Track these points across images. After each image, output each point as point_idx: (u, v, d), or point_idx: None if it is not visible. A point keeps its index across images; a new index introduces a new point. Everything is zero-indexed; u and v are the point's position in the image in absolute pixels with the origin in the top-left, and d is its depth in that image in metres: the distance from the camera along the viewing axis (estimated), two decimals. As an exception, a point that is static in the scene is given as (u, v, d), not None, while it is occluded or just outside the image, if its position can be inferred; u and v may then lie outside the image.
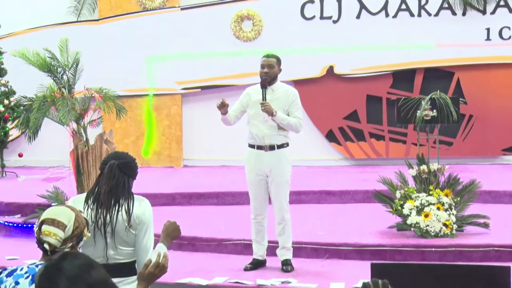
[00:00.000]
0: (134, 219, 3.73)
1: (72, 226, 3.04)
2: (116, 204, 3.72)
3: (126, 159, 3.83)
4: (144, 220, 3.76)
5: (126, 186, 3.77)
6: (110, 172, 3.74)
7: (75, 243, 3.05)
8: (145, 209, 3.78)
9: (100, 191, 3.74)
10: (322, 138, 11.64)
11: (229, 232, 7.39)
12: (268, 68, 6.41)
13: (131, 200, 3.76)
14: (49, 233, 3.00)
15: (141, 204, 3.78)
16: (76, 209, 3.15)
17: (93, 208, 3.74)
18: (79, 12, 12.20)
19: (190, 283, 6.17)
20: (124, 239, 3.73)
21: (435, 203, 6.96)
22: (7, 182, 10.63)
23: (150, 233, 3.79)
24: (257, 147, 6.40)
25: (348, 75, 11.45)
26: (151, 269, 3.18)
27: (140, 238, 3.76)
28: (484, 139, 11.24)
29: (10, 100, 10.99)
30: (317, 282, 6.10)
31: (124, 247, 3.74)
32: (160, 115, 11.92)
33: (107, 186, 3.72)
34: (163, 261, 3.18)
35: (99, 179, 3.81)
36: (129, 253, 3.75)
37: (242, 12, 11.61)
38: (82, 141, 7.83)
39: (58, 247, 3.00)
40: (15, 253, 7.20)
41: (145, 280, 3.19)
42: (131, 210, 3.73)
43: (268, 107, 6.27)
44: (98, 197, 3.75)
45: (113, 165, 3.75)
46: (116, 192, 3.73)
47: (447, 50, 11.20)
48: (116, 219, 3.71)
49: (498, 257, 6.56)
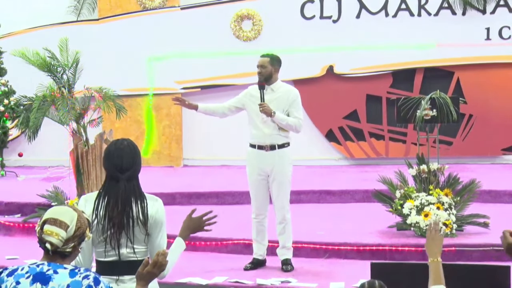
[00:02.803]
0: (148, 219, 3.73)
1: (74, 227, 3.03)
2: (130, 220, 3.69)
3: (129, 167, 3.76)
4: (158, 220, 3.76)
5: (136, 190, 3.76)
6: (121, 193, 3.71)
7: (77, 243, 3.04)
8: (158, 209, 3.77)
9: (112, 212, 3.69)
10: (322, 138, 11.64)
11: (229, 231, 7.39)
12: (261, 68, 6.43)
13: (144, 201, 3.75)
14: (51, 233, 2.99)
15: (154, 204, 3.78)
16: (79, 209, 3.14)
17: (103, 225, 3.70)
18: (79, 12, 12.19)
19: (190, 283, 6.17)
20: (138, 238, 3.74)
21: (435, 202, 6.96)
22: (7, 181, 10.62)
23: (163, 232, 3.79)
24: (258, 147, 6.40)
25: (348, 75, 11.45)
26: (150, 268, 3.20)
27: (153, 237, 3.76)
28: (484, 139, 11.24)
29: (10, 99, 10.99)
30: (317, 282, 6.11)
31: (138, 246, 3.75)
32: (160, 115, 11.92)
33: (120, 208, 3.69)
34: (161, 259, 3.21)
35: (108, 191, 3.75)
36: (143, 252, 3.76)
37: (242, 12, 11.61)
38: (82, 140, 7.83)
39: (60, 247, 3.00)
40: (15, 253, 7.20)
41: (143, 278, 3.21)
42: (145, 212, 3.72)
43: (267, 108, 6.27)
44: (109, 218, 3.70)
45: (123, 186, 3.71)
46: (129, 206, 3.71)
47: (447, 49, 11.19)
48: (133, 233, 3.70)
49: (498, 257, 6.56)
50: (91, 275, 2.97)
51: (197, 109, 6.48)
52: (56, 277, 2.94)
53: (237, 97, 6.61)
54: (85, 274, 2.97)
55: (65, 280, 2.94)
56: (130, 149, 3.80)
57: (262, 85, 6.37)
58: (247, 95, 6.55)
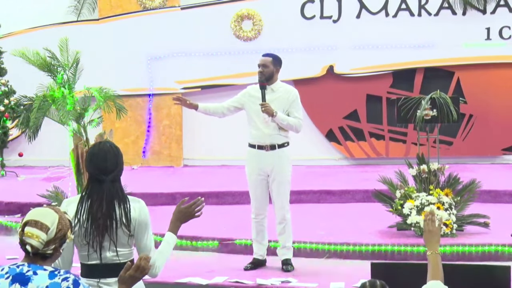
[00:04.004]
0: (132, 222, 3.71)
1: (55, 229, 3.01)
2: (113, 222, 3.66)
3: (113, 168, 3.73)
4: (141, 221, 3.74)
5: (119, 192, 3.73)
6: (106, 195, 3.68)
7: (58, 245, 3.03)
8: (141, 210, 3.75)
9: (96, 215, 3.66)
10: (322, 138, 11.63)
11: (229, 231, 7.38)
12: (263, 67, 6.40)
13: (127, 202, 3.73)
14: (31, 235, 2.98)
15: (136, 206, 3.75)
16: (60, 210, 3.10)
17: (86, 228, 3.67)
18: (79, 12, 12.19)
19: (190, 283, 6.17)
20: (121, 242, 3.72)
21: (435, 202, 6.96)
22: (7, 181, 10.62)
23: (149, 233, 3.78)
24: (257, 147, 6.39)
25: (348, 75, 11.45)
26: (132, 271, 3.19)
27: (139, 239, 3.75)
28: (484, 139, 11.23)
29: (10, 99, 10.99)
30: (317, 282, 6.11)
31: (121, 249, 3.73)
32: (160, 115, 11.91)
33: (105, 211, 3.66)
34: (144, 263, 3.20)
35: (91, 193, 3.71)
36: (126, 254, 3.74)
37: (242, 12, 11.61)
38: (82, 140, 7.83)
39: (41, 249, 2.99)
40: (15, 253, 7.18)
41: (125, 282, 3.20)
42: (128, 216, 3.69)
43: (269, 108, 6.25)
44: (93, 220, 3.67)
45: (108, 187, 3.68)
46: (113, 209, 3.68)
47: (447, 49, 11.20)
48: (116, 236, 3.68)
49: (498, 257, 6.56)
50: (70, 277, 2.96)
51: (197, 108, 6.48)
52: (35, 278, 2.94)
53: (236, 97, 6.59)
54: (65, 276, 2.96)
55: (44, 281, 2.93)
56: (113, 151, 3.79)
57: (264, 85, 6.35)
58: (246, 95, 6.53)
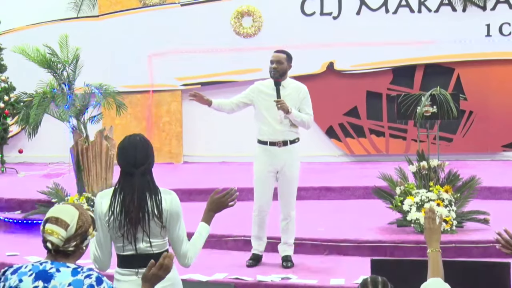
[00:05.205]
0: (164, 213, 3.76)
1: (75, 225, 3.02)
2: (145, 214, 3.71)
3: (143, 161, 3.78)
4: (173, 212, 3.79)
5: (151, 184, 3.79)
6: (137, 188, 3.72)
7: (79, 242, 3.04)
8: (172, 201, 3.82)
9: (128, 208, 3.70)
10: (322, 134, 11.63)
11: (229, 228, 7.39)
12: (277, 63, 6.33)
13: (159, 194, 3.78)
14: (51, 232, 3.00)
15: (167, 198, 3.82)
16: (82, 207, 3.13)
17: (120, 220, 3.72)
18: (79, 8, 12.19)
19: (190, 279, 6.16)
20: (154, 232, 3.76)
21: (435, 199, 6.96)
22: (7, 178, 10.62)
23: (181, 224, 3.83)
24: (269, 144, 6.34)
25: (348, 71, 11.45)
26: (155, 270, 3.18)
27: (172, 230, 3.80)
28: (484, 135, 11.24)
29: (10, 96, 10.99)
30: (317, 278, 6.11)
31: (154, 239, 3.77)
32: (160, 111, 11.91)
33: (136, 204, 3.71)
34: (167, 262, 3.19)
35: (123, 186, 3.75)
36: (159, 244, 3.79)
37: (242, 8, 11.60)
38: (82, 137, 7.83)
39: (61, 246, 3.00)
40: (15, 249, 7.20)
41: (149, 281, 3.19)
42: (160, 207, 3.74)
43: (284, 105, 6.20)
44: (126, 213, 3.71)
45: (138, 180, 3.73)
46: (144, 201, 3.73)
47: (447, 46, 11.20)
48: (149, 227, 3.72)
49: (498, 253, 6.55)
50: (93, 274, 2.97)
51: (210, 104, 6.42)
52: (58, 276, 2.94)
53: (244, 93, 6.52)
54: (88, 273, 2.96)
55: (67, 278, 2.94)
56: (143, 144, 3.83)
57: (278, 82, 6.29)
58: (255, 90, 6.45)
